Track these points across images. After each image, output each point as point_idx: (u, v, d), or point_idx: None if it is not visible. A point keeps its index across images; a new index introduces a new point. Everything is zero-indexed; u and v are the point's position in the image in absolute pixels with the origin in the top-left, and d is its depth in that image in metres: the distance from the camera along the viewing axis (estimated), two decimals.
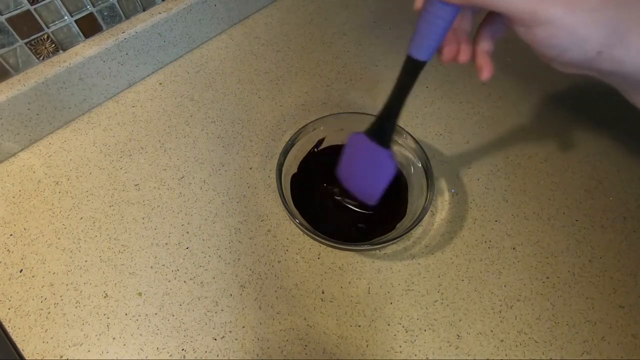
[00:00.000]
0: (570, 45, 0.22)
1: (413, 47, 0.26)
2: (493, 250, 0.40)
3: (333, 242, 0.36)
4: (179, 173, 0.45)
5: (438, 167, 0.45)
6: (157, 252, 0.40)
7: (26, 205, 0.42)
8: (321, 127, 0.43)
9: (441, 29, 0.25)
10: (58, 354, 0.34)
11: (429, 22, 0.25)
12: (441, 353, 0.35)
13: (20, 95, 0.42)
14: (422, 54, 0.26)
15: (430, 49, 0.26)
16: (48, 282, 0.38)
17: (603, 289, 0.38)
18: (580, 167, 0.45)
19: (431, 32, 0.25)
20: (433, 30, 0.25)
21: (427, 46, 0.26)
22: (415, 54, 0.26)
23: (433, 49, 0.26)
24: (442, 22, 0.24)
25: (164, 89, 0.53)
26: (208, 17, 0.55)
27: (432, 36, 0.25)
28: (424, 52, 0.26)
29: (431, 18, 0.24)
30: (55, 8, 0.42)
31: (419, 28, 0.25)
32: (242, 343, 0.35)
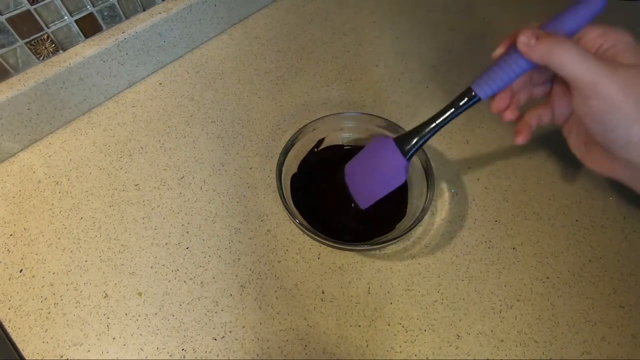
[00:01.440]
0: (618, 123, 0.24)
1: (477, 83, 0.30)
2: (493, 250, 0.40)
3: (333, 242, 0.36)
4: (179, 173, 0.45)
5: (438, 167, 0.45)
6: (157, 252, 0.40)
7: (26, 205, 0.42)
8: (321, 127, 0.43)
9: (508, 78, 0.28)
10: (58, 354, 0.34)
11: (501, 69, 0.28)
12: (441, 353, 0.35)
13: (20, 95, 0.42)
14: (481, 92, 0.29)
15: (491, 90, 0.29)
16: (48, 282, 0.38)
17: (603, 289, 0.38)
18: (581, 167, 0.45)
19: (499, 78, 0.28)
20: (501, 76, 0.28)
21: (489, 88, 0.29)
22: (477, 89, 0.30)
23: (493, 92, 0.29)
24: (512, 72, 0.28)
25: (164, 89, 0.53)
26: (208, 17, 0.55)
27: (498, 81, 0.28)
28: (484, 91, 0.29)
29: (504, 66, 0.28)
30: (55, 8, 0.42)
31: (490, 71, 0.29)
32: (242, 343, 0.35)
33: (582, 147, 0.30)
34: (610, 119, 0.24)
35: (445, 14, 0.62)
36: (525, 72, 0.28)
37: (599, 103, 0.24)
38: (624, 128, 0.24)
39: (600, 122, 0.25)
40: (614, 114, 0.24)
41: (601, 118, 0.25)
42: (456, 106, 0.31)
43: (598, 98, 0.24)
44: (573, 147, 0.31)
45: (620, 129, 0.24)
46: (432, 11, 0.62)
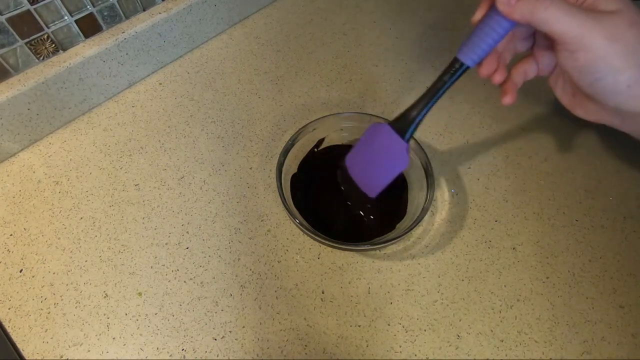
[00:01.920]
0: (605, 73, 0.24)
1: (462, 52, 0.29)
2: (493, 250, 0.40)
3: (333, 242, 0.36)
4: (179, 173, 0.45)
5: (438, 167, 0.45)
6: (157, 252, 0.40)
7: (26, 205, 0.42)
8: (321, 127, 0.43)
9: (493, 41, 0.27)
10: (58, 354, 0.34)
11: (483, 32, 0.27)
12: (441, 353, 0.35)
13: (20, 95, 0.42)
14: (468, 59, 0.29)
15: (477, 56, 0.28)
16: (48, 282, 0.38)
17: (603, 289, 0.38)
18: (580, 167, 0.45)
19: (483, 42, 0.28)
20: (486, 40, 0.27)
21: (475, 53, 0.28)
22: (463, 57, 0.29)
23: (479, 58, 0.28)
24: (495, 35, 0.27)
25: (164, 89, 0.53)
26: (208, 17, 0.55)
27: (483, 46, 0.28)
28: (470, 58, 0.29)
29: (487, 29, 0.27)
30: (55, 8, 0.42)
31: (473, 36, 0.28)
32: (242, 343, 0.35)
33: (570, 97, 0.30)
34: (598, 70, 0.24)
35: (445, 14, 0.62)
36: (508, 32, 0.27)
37: (586, 55, 0.24)
38: (611, 77, 0.24)
39: (587, 73, 0.25)
40: (601, 64, 0.24)
41: (588, 70, 0.25)
42: (445, 79, 0.31)
43: (584, 50, 0.24)
44: (561, 98, 0.31)
45: (608, 78, 0.24)
46: (432, 11, 0.62)
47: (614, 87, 0.25)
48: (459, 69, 0.30)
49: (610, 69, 0.24)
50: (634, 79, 0.24)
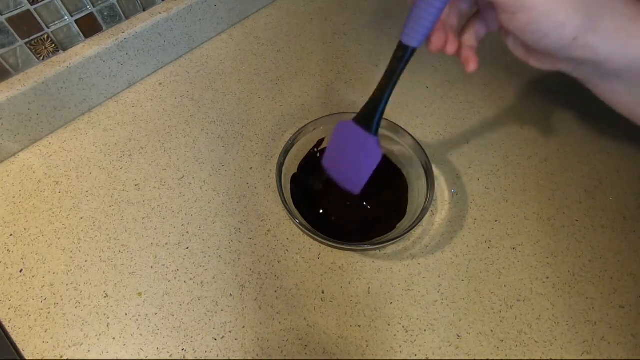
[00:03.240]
0: (550, 30, 0.24)
1: (404, 34, 0.28)
2: (493, 250, 0.40)
3: (333, 242, 0.36)
4: (179, 173, 0.45)
5: (438, 167, 0.45)
6: (157, 252, 0.40)
7: (26, 205, 0.42)
8: (321, 127, 0.43)
9: (432, 16, 0.26)
10: (58, 354, 0.34)
11: (420, 9, 0.26)
12: (441, 353, 0.35)
13: (20, 95, 0.42)
14: (412, 41, 0.28)
15: (420, 35, 0.27)
16: (48, 282, 0.38)
17: (603, 289, 0.38)
18: (580, 167, 0.45)
19: (422, 19, 0.26)
20: (424, 17, 0.26)
21: (417, 33, 0.27)
22: (407, 40, 0.28)
23: (423, 36, 0.27)
24: (432, 9, 0.26)
25: (164, 89, 0.53)
26: (208, 17, 0.55)
27: (423, 23, 0.26)
28: (414, 39, 0.27)
29: (423, 5, 0.26)
30: (55, 8, 0.42)
31: (411, 15, 0.27)
32: (242, 343, 0.35)
33: (522, 50, 0.29)
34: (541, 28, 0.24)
35: None
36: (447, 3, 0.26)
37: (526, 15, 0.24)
38: (556, 33, 0.24)
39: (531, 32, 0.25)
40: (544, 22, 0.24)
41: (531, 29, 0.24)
42: (396, 66, 0.30)
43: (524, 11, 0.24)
44: (513, 51, 0.30)
45: (553, 34, 0.24)
46: None
47: (560, 42, 0.24)
48: (406, 53, 0.28)
49: (554, 24, 0.24)
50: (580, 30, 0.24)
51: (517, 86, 0.52)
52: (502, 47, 0.32)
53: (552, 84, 0.53)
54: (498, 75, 0.54)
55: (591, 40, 0.24)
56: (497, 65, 0.54)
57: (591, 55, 0.25)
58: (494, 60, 0.54)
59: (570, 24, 0.23)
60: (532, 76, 0.53)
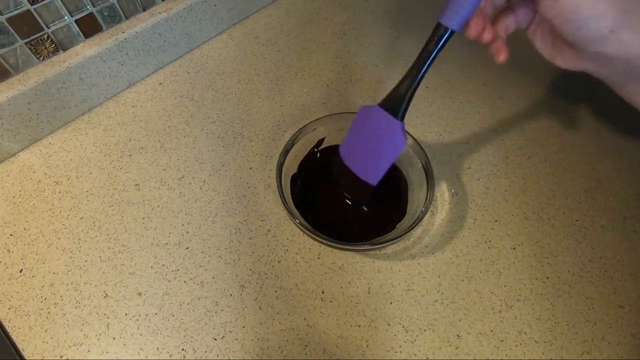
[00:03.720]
0: (588, 19, 0.24)
1: (445, 16, 0.27)
2: (493, 250, 0.40)
3: (333, 242, 0.36)
4: (179, 173, 0.45)
5: (438, 167, 0.45)
6: (157, 252, 0.40)
7: (26, 205, 0.42)
8: (321, 127, 0.43)
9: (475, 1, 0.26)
10: (58, 354, 0.34)
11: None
12: (441, 353, 0.35)
13: (20, 95, 0.42)
14: (452, 23, 0.27)
15: (461, 18, 0.26)
16: (48, 282, 0.38)
17: (603, 289, 0.38)
18: (580, 167, 0.45)
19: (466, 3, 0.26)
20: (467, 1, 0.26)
21: (458, 15, 0.26)
22: (446, 22, 0.27)
23: (463, 19, 0.27)
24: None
25: (164, 89, 0.53)
26: (208, 17, 0.55)
27: (466, 6, 0.26)
28: (455, 22, 0.27)
29: None
30: (55, 8, 0.42)
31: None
32: (242, 343, 0.35)
33: (549, 47, 0.29)
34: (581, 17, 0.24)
35: None
36: None
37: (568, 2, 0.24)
38: (594, 24, 0.24)
39: (570, 20, 0.25)
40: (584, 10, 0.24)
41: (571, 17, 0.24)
42: (432, 48, 0.29)
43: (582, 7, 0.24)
44: (540, 49, 0.30)
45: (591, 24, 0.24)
46: (432, 11, 0.62)
47: (597, 33, 0.24)
48: (444, 34, 0.27)
49: (594, 14, 0.24)
50: (617, 24, 0.24)
51: (517, 86, 0.52)
52: None
53: (553, 84, 0.53)
54: (498, 75, 0.53)
55: (626, 36, 0.24)
56: (497, 65, 0.54)
57: (624, 52, 0.25)
58: (494, 60, 0.54)
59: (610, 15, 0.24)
60: (533, 76, 0.53)
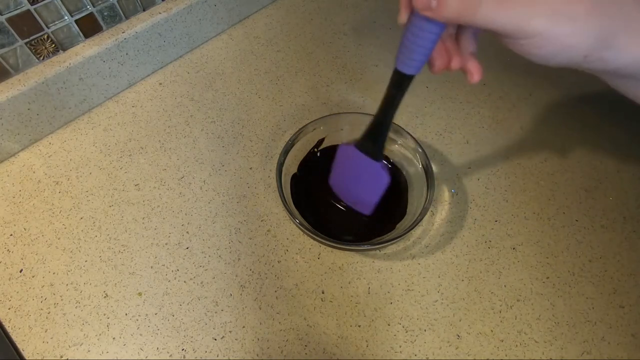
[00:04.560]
0: (557, 53, 0.22)
1: (401, 62, 0.25)
2: (493, 250, 0.40)
3: (333, 242, 0.36)
4: (179, 173, 0.45)
5: (438, 167, 0.45)
6: (157, 252, 0.40)
7: (26, 205, 0.42)
8: (321, 127, 0.43)
9: (430, 43, 0.24)
10: (58, 354, 0.34)
11: (416, 36, 0.23)
12: (441, 353, 0.35)
13: (20, 95, 0.42)
14: (410, 69, 0.25)
15: (419, 62, 0.25)
16: (48, 282, 0.38)
17: (603, 289, 0.38)
18: (580, 167, 0.45)
19: (419, 47, 0.24)
20: (421, 44, 0.24)
21: (415, 60, 0.25)
22: (403, 68, 0.25)
23: (422, 63, 0.25)
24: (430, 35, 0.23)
25: (164, 89, 0.53)
26: (208, 17, 0.55)
27: (421, 50, 0.24)
28: (413, 67, 0.25)
29: (418, 32, 0.23)
30: (55, 8, 0.42)
31: (406, 42, 0.24)
32: (242, 343, 0.35)
33: None
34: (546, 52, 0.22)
35: None
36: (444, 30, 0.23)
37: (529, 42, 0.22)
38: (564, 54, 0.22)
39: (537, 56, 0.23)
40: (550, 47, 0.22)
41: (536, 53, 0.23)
42: (394, 93, 0.28)
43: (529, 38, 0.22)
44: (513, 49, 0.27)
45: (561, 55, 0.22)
46: None
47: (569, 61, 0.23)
48: (404, 80, 0.26)
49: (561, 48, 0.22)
50: (591, 49, 0.22)
51: (517, 86, 0.52)
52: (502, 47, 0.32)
53: (553, 84, 0.53)
54: (498, 75, 0.53)
55: (603, 55, 0.23)
56: (497, 65, 0.54)
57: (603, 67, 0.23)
58: (494, 60, 0.54)
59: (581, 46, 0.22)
60: (533, 76, 0.53)
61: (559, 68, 0.26)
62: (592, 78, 0.29)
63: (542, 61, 0.24)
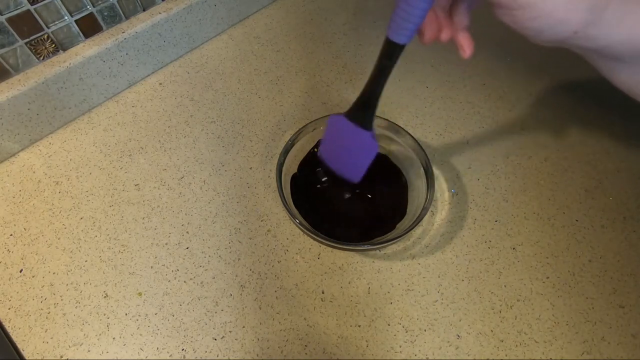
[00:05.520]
0: (548, 27, 0.23)
1: (392, 30, 0.25)
2: (493, 250, 0.40)
3: (333, 242, 0.36)
4: (179, 173, 0.45)
5: (438, 167, 0.45)
6: (157, 252, 0.40)
7: (26, 205, 0.42)
8: (321, 127, 0.43)
9: (421, 11, 0.24)
10: (58, 354, 0.34)
11: (407, 4, 0.24)
12: (441, 353, 0.35)
13: (20, 95, 0.42)
14: (401, 37, 0.25)
15: (410, 32, 0.25)
16: (48, 282, 0.38)
17: (603, 289, 0.38)
18: (580, 167, 0.45)
19: (410, 15, 0.24)
20: (413, 12, 0.24)
21: (406, 29, 0.25)
22: (395, 37, 0.26)
23: (412, 32, 0.25)
24: (423, 4, 0.23)
25: (164, 89, 0.53)
26: (208, 17, 0.55)
27: (412, 18, 0.24)
28: (404, 35, 0.25)
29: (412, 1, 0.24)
30: (55, 8, 0.42)
31: (398, 10, 0.24)
32: (242, 343, 0.35)
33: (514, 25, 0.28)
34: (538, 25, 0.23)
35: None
36: None
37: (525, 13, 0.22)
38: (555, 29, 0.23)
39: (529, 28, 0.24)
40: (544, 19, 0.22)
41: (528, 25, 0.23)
42: (386, 64, 0.28)
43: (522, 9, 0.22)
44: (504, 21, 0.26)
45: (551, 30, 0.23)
46: None
47: (558, 36, 0.24)
48: (395, 50, 0.26)
49: (552, 22, 0.23)
50: (580, 25, 0.23)
51: (517, 86, 0.52)
52: (502, 47, 0.32)
53: (553, 84, 0.53)
54: (498, 75, 0.53)
55: (592, 32, 0.23)
56: (497, 65, 0.54)
57: (591, 45, 0.24)
58: (494, 60, 0.54)
59: (572, 20, 0.23)
60: (532, 76, 0.53)
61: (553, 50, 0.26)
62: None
63: (534, 35, 0.24)
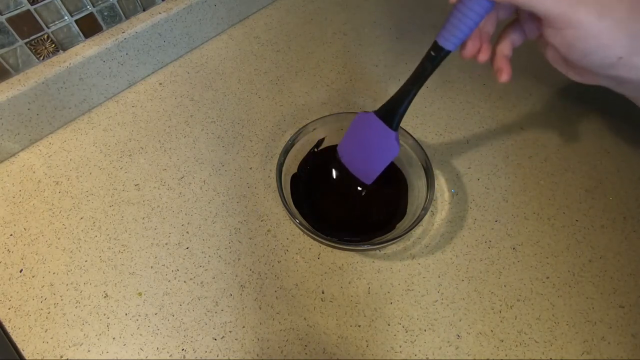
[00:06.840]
0: (594, 49, 0.24)
1: (442, 36, 0.28)
2: (493, 250, 0.40)
3: (333, 242, 0.36)
4: (179, 173, 0.45)
5: (438, 167, 0.45)
6: (157, 252, 0.40)
7: (26, 205, 0.42)
8: (321, 127, 0.43)
9: (473, 23, 0.26)
10: (58, 354, 0.34)
11: (462, 14, 0.26)
12: (441, 353, 0.35)
13: (20, 95, 0.42)
14: (449, 44, 0.28)
15: (458, 40, 0.27)
16: (48, 282, 0.38)
17: (603, 289, 0.38)
18: (580, 167, 0.45)
19: (462, 24, 0.26)
20: (465, 22, 0.26)
21: (455, 37, 0.27)
22: (443, 42, 0.28)
23: (460, 41, 0.27)
24: (475, 16, 0.26)
25: (164, 89, 0.53)
26: (208, 17, 0.55)
27: (463, 28, 0.26)
28: (451, 43, 0.27)
29: (466, 11, 0.26)
30: (55, 8, 0.42)
31: (452, 19, 0.27)
32: (242, 343, 0.35)
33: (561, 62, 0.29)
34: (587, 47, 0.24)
35: (445, 14, 0.61)
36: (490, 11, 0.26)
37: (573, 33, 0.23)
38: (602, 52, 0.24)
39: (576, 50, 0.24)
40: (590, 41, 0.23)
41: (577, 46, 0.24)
42: (427, 66, 0.30)
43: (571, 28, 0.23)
44: (553, 62, 0.29)
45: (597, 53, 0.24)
46: (431, 11, 0.62)
47: (604, 60, 0.24)
48: (440, 54, 0.28)
49: (599, 44, 0.23)
50: (625, 51, 0.23)
51: (517, 86, 0.52)
52: None
53: (553, 84, 0.53)
54: None
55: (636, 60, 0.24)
56: None
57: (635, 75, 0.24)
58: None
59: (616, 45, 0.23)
60: (533, 76, 0.53)
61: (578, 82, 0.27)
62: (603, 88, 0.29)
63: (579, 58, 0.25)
